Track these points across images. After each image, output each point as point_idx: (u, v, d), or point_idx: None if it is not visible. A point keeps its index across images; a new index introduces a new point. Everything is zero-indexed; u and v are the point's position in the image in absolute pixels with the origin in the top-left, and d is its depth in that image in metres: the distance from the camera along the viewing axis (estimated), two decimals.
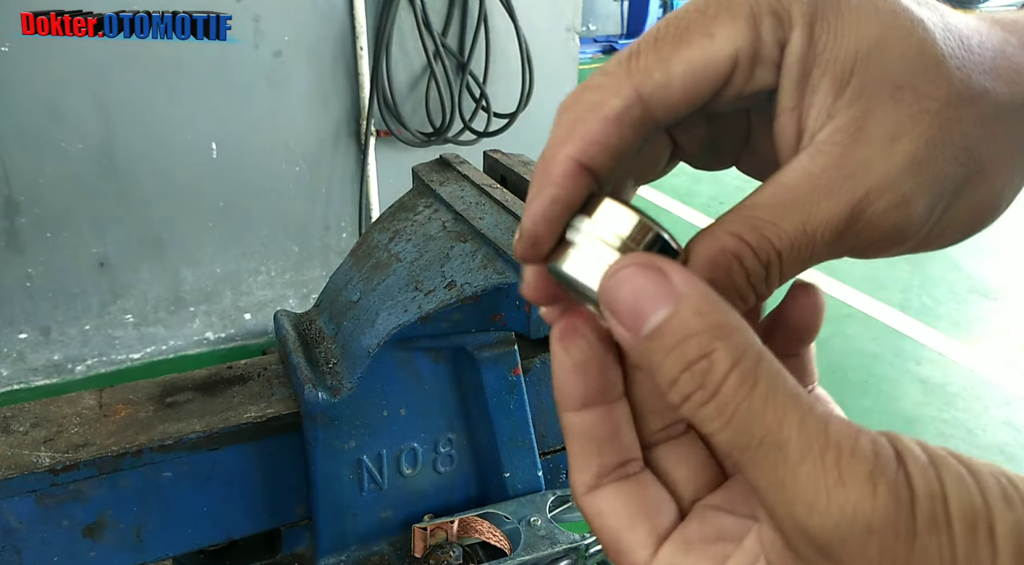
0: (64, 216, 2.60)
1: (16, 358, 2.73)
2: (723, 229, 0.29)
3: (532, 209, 0.30)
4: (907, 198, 0.28)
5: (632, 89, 0.29)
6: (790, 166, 0.29)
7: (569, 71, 3.37)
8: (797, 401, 0.24)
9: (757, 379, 0.24)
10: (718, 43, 0.28)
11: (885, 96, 0.28)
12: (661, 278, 0.26)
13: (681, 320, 0.25)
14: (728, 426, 0.24)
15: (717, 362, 0.24)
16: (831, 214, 0.28)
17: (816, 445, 0.23)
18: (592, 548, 0.77)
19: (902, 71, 0.28)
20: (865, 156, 0.28)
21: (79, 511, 0.70)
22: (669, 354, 0.25)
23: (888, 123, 0.28)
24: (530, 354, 0.86)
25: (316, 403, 0.73)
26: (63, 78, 2.44)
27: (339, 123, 2.93)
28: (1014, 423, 2.81)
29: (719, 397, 0.24)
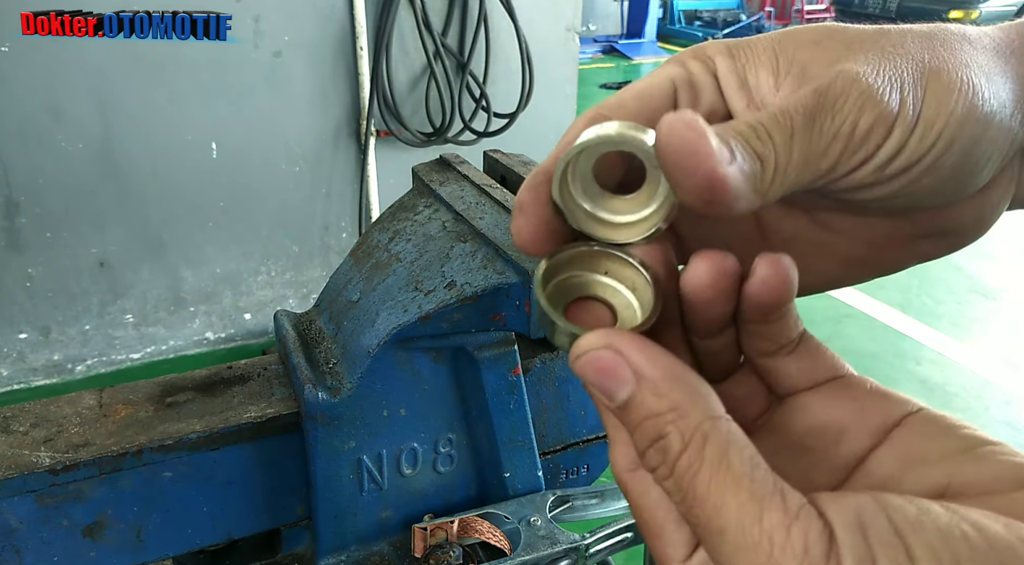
0: (64, 216, 2.60)
1: (16, 358, 2.73)
2: None
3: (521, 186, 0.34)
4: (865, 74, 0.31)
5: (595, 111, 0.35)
6: None
7: (569, 71, 3.37)
8: (738, 486, 0.25)
9: (703, 461, 0.26)
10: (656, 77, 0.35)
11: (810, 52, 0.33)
12: (618, 361, 0.28)
13: (640, 400, 0.27)
14: (683, 502, 0.26)
15: (671, 444, 0.26)
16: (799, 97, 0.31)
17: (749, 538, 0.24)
18: (592, 548, 0.77)
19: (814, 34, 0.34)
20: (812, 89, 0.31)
21: (79, 511, 0.70)
22: (636, 429, 0.28)
23: (824, 60, 0.32)
24: (530, 354, 0.86)
25: (316, 403, 0.73)
26: (63, 78, 2.44)
27: (339, 123, 2.93)
28: (1014, 423, 2.81)
29: (674, 475, 0.26)
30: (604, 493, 0.84)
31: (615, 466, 0.32)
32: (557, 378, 0.87)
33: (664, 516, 0.30)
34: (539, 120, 3.25)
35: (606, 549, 0.78)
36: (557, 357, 0.87)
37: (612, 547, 0.79)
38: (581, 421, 0.90)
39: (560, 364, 0.87)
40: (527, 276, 0.71)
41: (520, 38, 2.92)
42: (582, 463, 0.93)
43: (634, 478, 0.31)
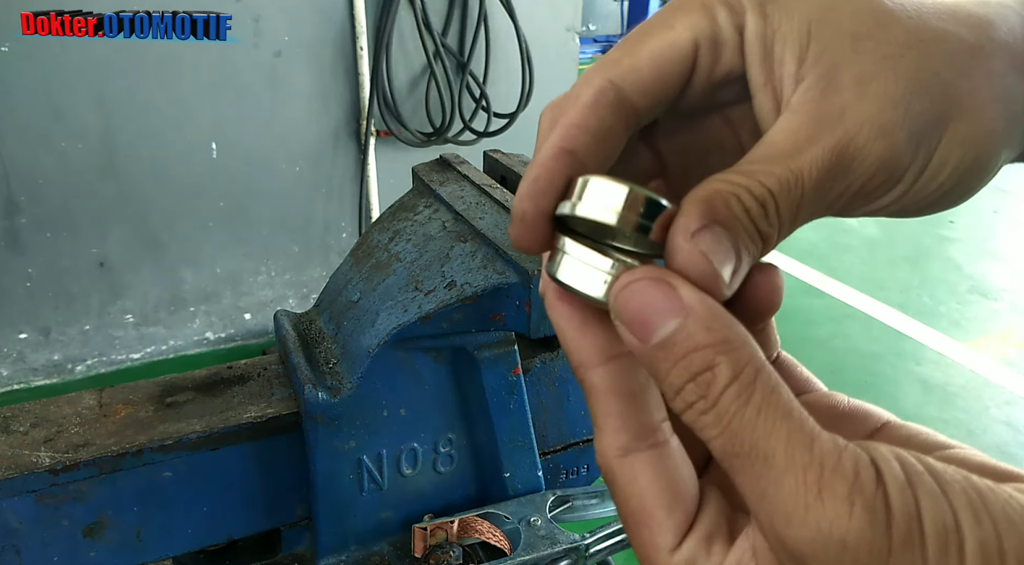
0: (64, 216, 2.60)
1: (16, 358, 2.73)
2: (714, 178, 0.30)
3: (520, 189, 0.31)
4: (887, 129, 0.29)
5: (603, 77, 0.31)
6: (771, 130, 0.31)
7: (569, 71, 3.37)
8: (788, 416, 0.25)
9: (753, 392, 0.25)
10: (677, 31, 0.31)
11: (847, 50, 0.30)
12: (670, 291, 0.27)
13: (688, 333, 0.26)
14: (723, 434, 0.26)
15: (719, 375, 0.26)
16: (815, 153, 0.29)
17: (800, 460, 0.24)
18: (592, 548, 0.77)
19: (857, 25, 0.30)
20: (839, 102, 0.29)
21: (79, 511, 0.70)
22: (676, 365, 0.26)
23: (855, 71, 0.30)
24: (530, 354, 0.86)
25: (316, 403, 0.73)
26: (63, 78, 2.44)
27: (339, 123, 2.93)
28: (1014, 423, 2.81)
29: (717, 407, 0.26)
30: (604, 493, 0.84)
31: (602, 453, 0.31)
32: (557, 378, 0.87)
33: (655, 502, 0.29)
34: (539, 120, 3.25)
35: (606, 549, 0.78)
36: (557, 357, 0.87)
37: (612, 547, 0.79)
38: (581, 421, 0.90)
39: (560, 364, 0.87)
40: (527, 276, 0.71)
41: (520, 38, 2.92)
42: (582, 463, 0.93)
43: (623, 464, 0.30)
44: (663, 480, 0.30)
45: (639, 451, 0.30)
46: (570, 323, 0.31)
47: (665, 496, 0.29)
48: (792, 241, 4.36)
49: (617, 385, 0.30)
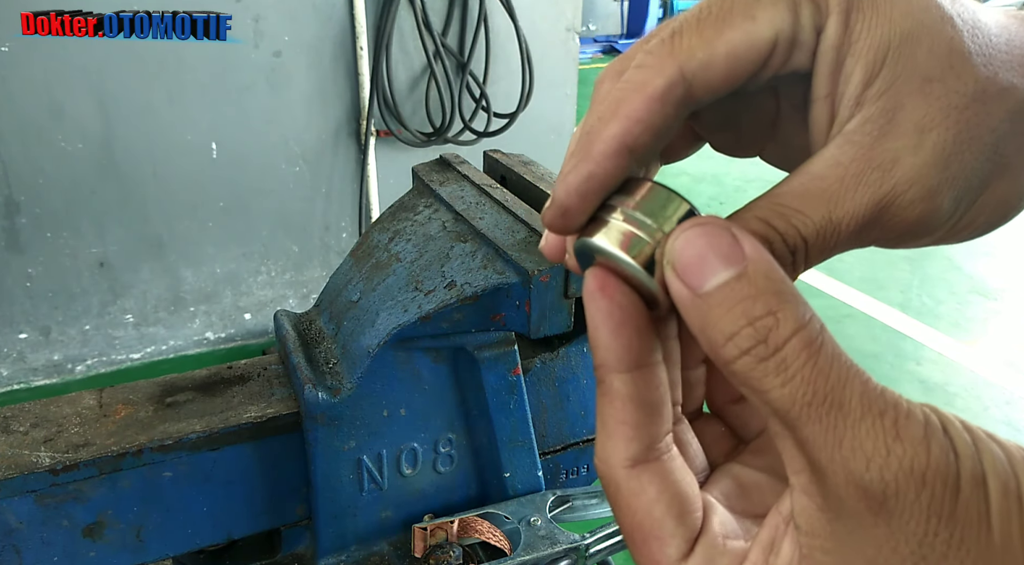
0: (64, 216, 2.60)
1: (16, 358, 2.73)
2: (751, 214, 0.29)
3: (568, 181, 0.30)
4: (934, 191, 0.29)
5: (676, 68, 0.29)
6: (820, 155, 0.30)
7: (569, 71, 3.37)
8: (857, 369, 0.25)
9: (823, 342, 0.25)
10: (760, 25, 0.29)
11: (915, 88, 0.29)
12: (732, 240, 0.27)
13: (749, 279, 0.26)
14: (790, 383, 0.25)
15: (783, 321, 0.25)
16: (858, 205, 0.29)
17: (875, 406, 0.25)
18: (592, 548, 0.77)
19: (931, 65, 0.29)
20: (894, 148, 0.29)
21: (79, 511, 0.70)
22: (731, 309, 0.26)
23: (917, 116, 0.29)
24: (530, 354, 0.86)
25: (316, 403, 0.73)
26: (63, 78, 2.44)
27: (339, 123, 2.93)
28: (1014, 423, 2.81)
29: (781, 354, 0.25)
30: (604, 493, 0.84)
31: (608, 461, 0.30)
32: (557, 378, 0.87)
33: (664, 512, 0.29)
34: (539, 120, 3.25)
35: (606, 549, 0.78)
36: (557, 357, 0.87)
37: (612, 547, 0.79)
38: (581, 421, 0.90)
39: (560, 364, 0.87)
40: (527, 276, 0.71)
41: (520, 38, 2.92)
42: (582, 463, 0.93)
43: (630, 475, 0.29)
44: (671, 490, 0.29)
45: (647, 462, 0.29)
46: (607, 320, 0.29)
47: (674, 506, 0.29)
48: None
49: (639, 394, 0.29)
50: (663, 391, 0.30)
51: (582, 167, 0.30)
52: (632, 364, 0.29)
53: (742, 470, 0.34)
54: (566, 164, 0.31)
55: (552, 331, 0.74)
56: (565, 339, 0.87)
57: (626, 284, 0.30)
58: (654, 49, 0.30)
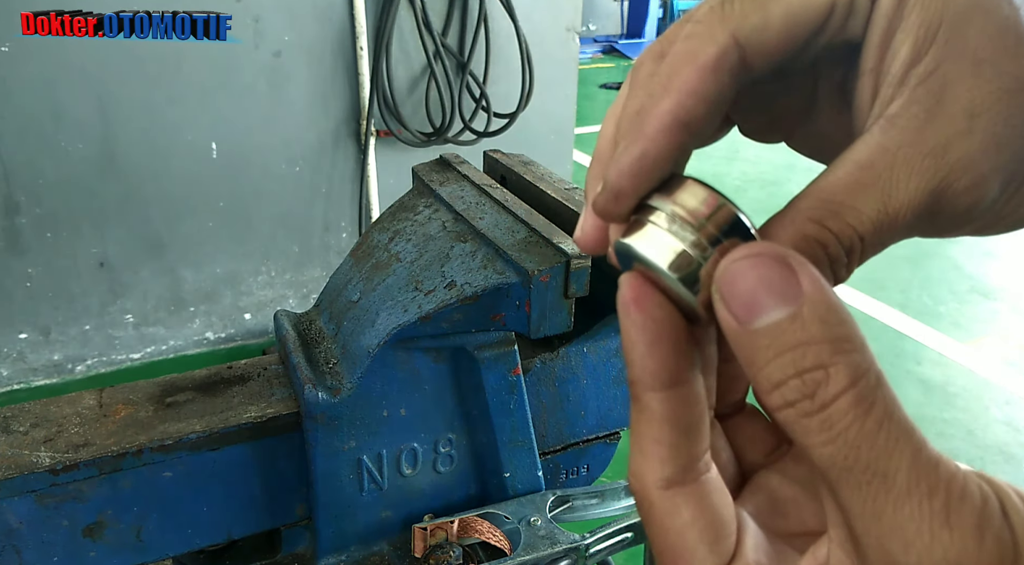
0: (64, 216, 2.60)
1: (16, 358, 2.73)
2: (803, 215, 0.28)
3: (621, 162, 0.28)
4: (985, 178, 0.27)
5: (728, 34, 0.27)
6: (863, 141, 0.28)
7: (569, 71, 3.37)
8: (911, 435, 0.23)
9: (874, 403, 0.23)
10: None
11: (965, 70, 0.27)
12: (789, 274, 0.24)
13: (803, 323, 0.23)
14: (832, 444, 0.23)
15: (835, 377, 0.23)
16: (912, 194, 0.27)
17: (925, 483, 0.22)
18: (592, 548, 0.77)
19: (983, 45, 0.27)
20: (945, 133, 0.27)
21: (79, 511, 0.70)
22: (780, 355, 0.24)
23: (966, 99, 0.27)
24: (530, 354, 0.86)
25: (316, 403, 0.73)
26: (63, 78, 2.44)
27: (339, 123, 2.93)
28: (1014, 423, 2.81)
29: (828, 412, 0.23)
30: (604, 493, 0.84)
31: (642, 480, 0.28)
32: (557, 378, 0.87)
33: (697, 537, 0.27)
34: (539, 120, 3.25)
35: (606, 549, 0.78)
36: (557, 357, 0.87)
37: (612, 547, 0.79)
38: (581, 421, 0.90)
39: (560, 364, 0.87)
40: (527, 276, 0.71)
41: (520, 38, 2.92)
42: (582, 463, 0.93)
43: (664, 497, 0.27)
44: (706, 515, 0.28)
45: (683, 484, 0.28)
46: (642, 335, 0.27)
47: (708, 532, 0.27)
48: None
49: (676, 414, 0.27)
50: (701, 408, 0.28)
51: (635, 147, 0.27)
52: (668, 382, 0.27)
53: (779, 483, 0.32)
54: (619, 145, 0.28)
55: (552, 331, 0.74)
56: (565, 339, 0.87)
57: (664, 296, 0.27)
58: (703, 17, 0.28)
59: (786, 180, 5.17)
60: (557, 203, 0.83)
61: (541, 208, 0.83)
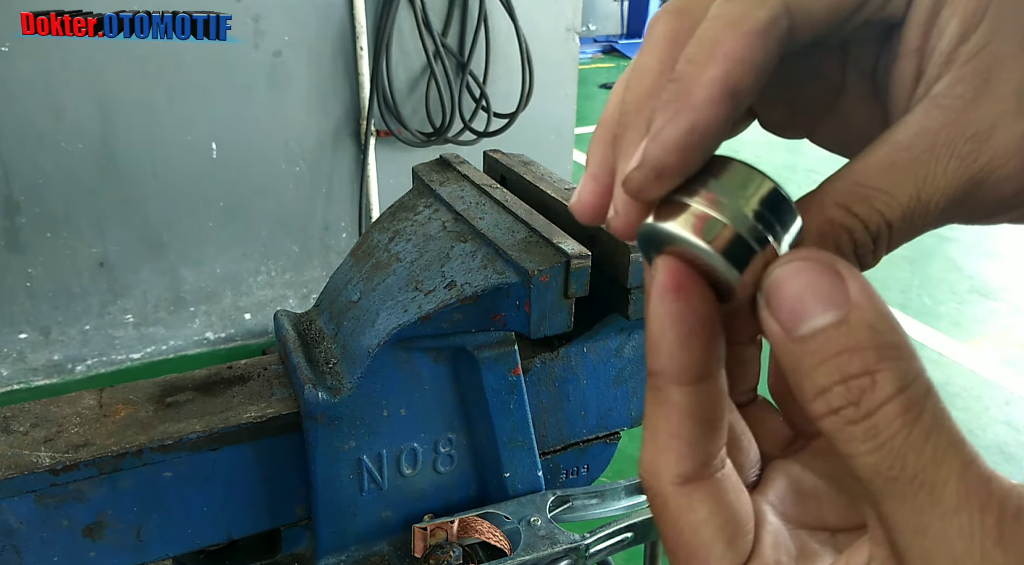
0: (64, 216, 2.61)
1: (16, 358, 2.73)
2: (831, 199, 0.26)
3: (665, 135, 0.25)
4: None
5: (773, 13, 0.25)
6: (904, 122, 0.27)
7: (569, 71, 3.37)
8: (961, 446, 0.22)
9: (922, 411, 0.22)
10: None
11: (1015, 47, 0.25)
12: (837, 281, 0.23)
13: (850, 329, 0.23)
14: (877, 452, 0.22)
15: (881, 383, 0.22)
16: (949, 180, 0.26)
17: (976, 498, 0.21)
18: (592, 548, 0.77)
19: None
20: (990, 114, 0.25)
21: (79, 511, 0.70)
22: (826, 362, 0.23)
23: (1017, 78, 0.25)
24: (530, 354, 0.86)
25: (316, 403, 0.73)
26: (63, 78, 2.44)
27: (339, 123, 2.93)
28: (1014, 423, 2.81)
29: (874, 419, 0.22)
30: (604, 493, 0.84)
31: (656, 476, 0.27)
32: (557, 378, 0.87)
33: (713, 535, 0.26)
34: (539, 120, 3.25)
35: (606, 549, 0.78)
36: (557, 357, 0.87)
37: (612, 547, 0.79)
38: (581, 421, 0.90)
39: (560, 364, 0.87)
40: (527, 276, 0.71)
41: (520, 38, 2.92)
42: (582, 463, 0.93)
43: (680, 493, 0.26)
44: (723, 513, 0.27)
45: (699, 481, 0.27)
46: (678, 326, 0.26)
47: (726, 529, 0.27)
48: None
49: (700, 410, 0.26)
50: (723, 404, 0.27)
51: (681, 118, 0.25)
52: (697, 376, 0.26)
53: (801, 472, 0.31)
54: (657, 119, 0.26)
55: (552, 331, 0.74)
56: (565, 339, 0.87)
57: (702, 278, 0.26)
58: None
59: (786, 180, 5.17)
60: (557, 203, 0.83)
61: (541, 208, 0.83)
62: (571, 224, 0.78)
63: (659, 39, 0.28)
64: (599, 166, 0.30)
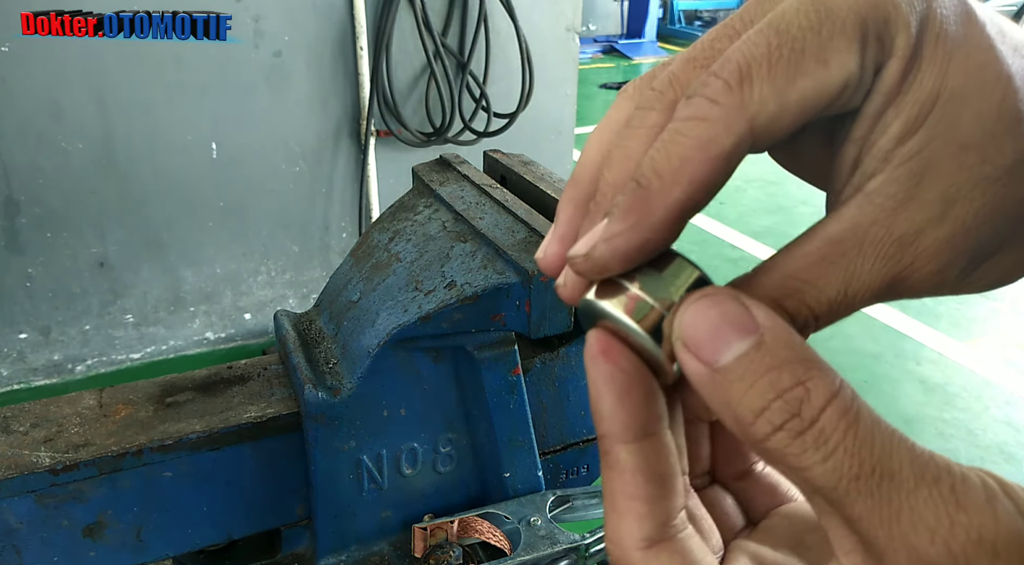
0: (64, 216, 2.61)
1: (16, 358, 2.73)
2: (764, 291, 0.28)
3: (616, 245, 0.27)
4: (949, 264, 0.27)
5: (745, 124, 0.26)
6: (838, 215, 0.28)
7: (569, 71, 3.37)
8: (900, 434, 0.24)
9: (859, 410, 0.24)
10: (832, 71, 0.26)
11: (949, 154, 0.27)
12: (743, 310, 0.25)
13: (769, 349, 0.24)
14: (833, 456, 0.23)
15: (814, 391, 0.24)
16: (874, 278, 0.27)
17: (928, 473, 0.23)
18: (592, 548, 0.77)
19: (972, 130, 0.27)
20: (917, 219, 0.27)
21: (79, 511, 0.70)
22: (756, 382, 0.24)
23: (945, 185, 0.27)
24: (530, 354, 0.86)
25: (316, 403, 0.73)
26: (63, 78, 2.44)
27: (339, 123, 2.93)
28: (1014, 423, 2.81)
29: (819, 426, 0.23)
30: None
31: (620, 544, 0.28)
32: (557, 378, 0.87)
33: None
34: (539, 120, 3.25)
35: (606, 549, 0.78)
36: (557, 357, 0.87)
37: None
38: (581, 421, 0.90)
39: (560, 364, 0.87)
40: (527, 276, 0.71)
41: (520, 38, 2.92)
42: (582, 463, 0.93)
43: (647, 557, 0.27)
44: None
45: (664, 541, 0.27)
46: (610, 386, 0.27)
47: None
48: None
49: (649, 465, 0.28)
50: (673, 461, 0.28)
51: (636, 235, 0.27)
52: (639, 433, 0.28)
53: (759, 548, 0.32)
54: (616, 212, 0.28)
55: (552, 331, 0.74)
56: (565, 339, 0.87)
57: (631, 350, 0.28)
58: (719, 96, 0.26)
59: (786, 180, 5.17)
60: (557, 203, 0.83)
61: (541, 208, 0.83)
62: None
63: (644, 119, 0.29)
64: (566, 227, 0.33)
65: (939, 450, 0.24)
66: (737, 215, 4.68)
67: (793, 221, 4.61)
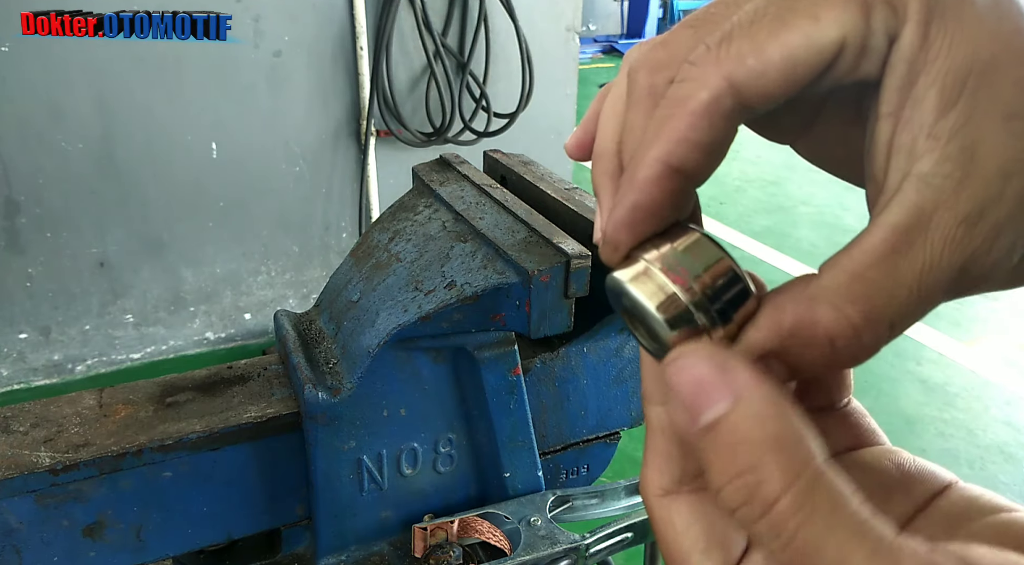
0: (64, 216, 2.61)
1: (16, 358, 2.73)
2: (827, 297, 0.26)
3: (615, 216, 0.28)
4: (1012, 247, 0.26)
5: (721, 79, 0.26)
6: (897, 202, 0.26)
7: (569, 71, 3.37)
8: (864, 532, 0.22)
9: (815, 503, 0.22)
10: (824, 26, 0.25)
11: (997, 124, 0.25)
12: (722, 373, 0.25)
13: (733, 422, 0.24)
14: (787, 549, 0.23)
15: (767, 478, 0.23)
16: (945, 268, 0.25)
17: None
18: (592, 548, 0.77)
19: (1016, 99, 0.25)
20: (980, 197, 0.25)
21: (79, 511, 0.70)
22: (719, 457, 0.24)
23: (1001, 158, 0.25)
24: (530, 354, 0.86)
25: (316, 403, 0.73)
26: (63, 78, 2.44)
27: (339, 123, 2.93)
28: (1014, 423, 2.81)
29: (771, 517, 0.23)
30: (604, 493, 0.84)
31: (644, 489, 0.30)
32: (557, 378, 0.87)
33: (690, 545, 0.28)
34: (539, 120, 3.25)
35: (606, 549, 0.78)
36: (557, 357, 0.87)
37: (612, 547, 0.79)
38: (581, 421, 0.90)
39: (560, 364, 0.87)
40: (527, 276, 0.71)
41: (520, 38, 2.92)
42: (582, 463, 0.93)
43: (660, 504, 0.29)
44: (701, 524, 0.28)
45: (679, 493, 0.29)
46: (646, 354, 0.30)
47: (701, 540, 0.28)
48: (792, 241, 4.36)
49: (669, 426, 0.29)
50: None
51: (626, 198, 0.28)
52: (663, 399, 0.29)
53: None
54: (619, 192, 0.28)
55: (552, 331, 0.74)
56: (565, 339, 0.87)
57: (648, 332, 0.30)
58: (698, 58, 0.26)
59: (786, 180, 5.17)
60: (557, 203, 0.83)
61: (541, 208, 0.83)
62: (571, 224, 0.78)
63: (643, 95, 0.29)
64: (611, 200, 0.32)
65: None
66: (737, 215, 4.68)
67: (793, 221, 4.61)
